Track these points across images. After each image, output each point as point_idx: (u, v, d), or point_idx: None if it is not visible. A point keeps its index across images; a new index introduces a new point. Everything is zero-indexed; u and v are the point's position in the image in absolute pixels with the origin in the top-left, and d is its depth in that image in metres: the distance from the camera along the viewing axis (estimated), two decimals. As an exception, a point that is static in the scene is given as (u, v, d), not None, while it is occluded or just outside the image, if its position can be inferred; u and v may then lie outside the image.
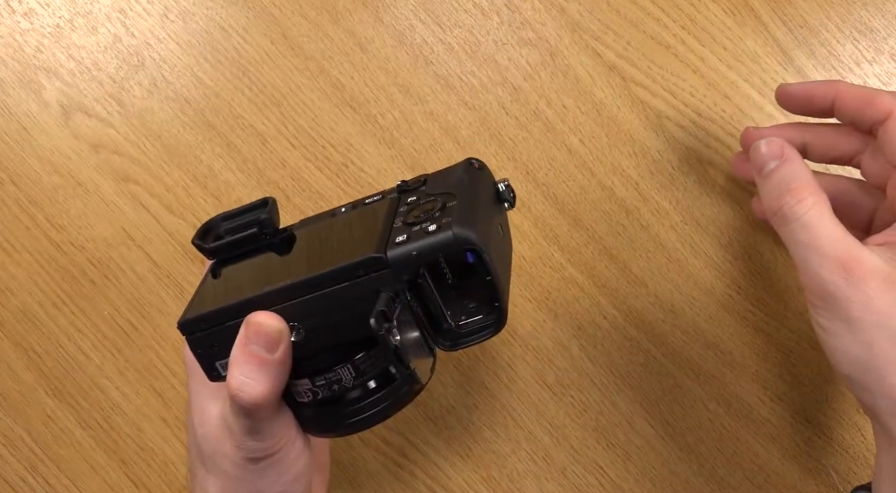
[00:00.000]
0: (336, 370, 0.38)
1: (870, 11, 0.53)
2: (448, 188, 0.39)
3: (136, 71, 0.54)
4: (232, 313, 0.38)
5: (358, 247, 0.37)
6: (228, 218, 0.43)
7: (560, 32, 0.54)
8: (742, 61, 0.53)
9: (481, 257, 0.36)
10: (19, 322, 0.55)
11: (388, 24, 0.54)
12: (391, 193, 0.42)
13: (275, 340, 0.37)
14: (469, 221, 0.36)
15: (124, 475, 0.55)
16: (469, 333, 0.39)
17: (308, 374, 0.39)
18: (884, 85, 0.53)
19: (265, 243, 0.42)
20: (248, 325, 0.37)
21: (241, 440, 0.39)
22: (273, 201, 0.42)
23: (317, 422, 0.41)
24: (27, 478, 0.55)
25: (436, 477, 0.54)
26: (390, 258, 0.36)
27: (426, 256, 0.36)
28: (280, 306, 0.37)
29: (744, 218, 0.54)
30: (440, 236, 0.36)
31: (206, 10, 0.54)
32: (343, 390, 0.39)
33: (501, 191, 0.41)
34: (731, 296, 0.53)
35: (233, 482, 0.40)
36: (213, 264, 0.42)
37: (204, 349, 0.39)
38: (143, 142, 0.54)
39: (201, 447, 0.41)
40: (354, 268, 0.36)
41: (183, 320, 0.38)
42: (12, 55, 0.54)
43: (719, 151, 0.53)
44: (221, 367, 0.39)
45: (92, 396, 0.55)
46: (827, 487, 0.53)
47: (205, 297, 0.40)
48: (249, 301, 0.37)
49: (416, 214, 0.38)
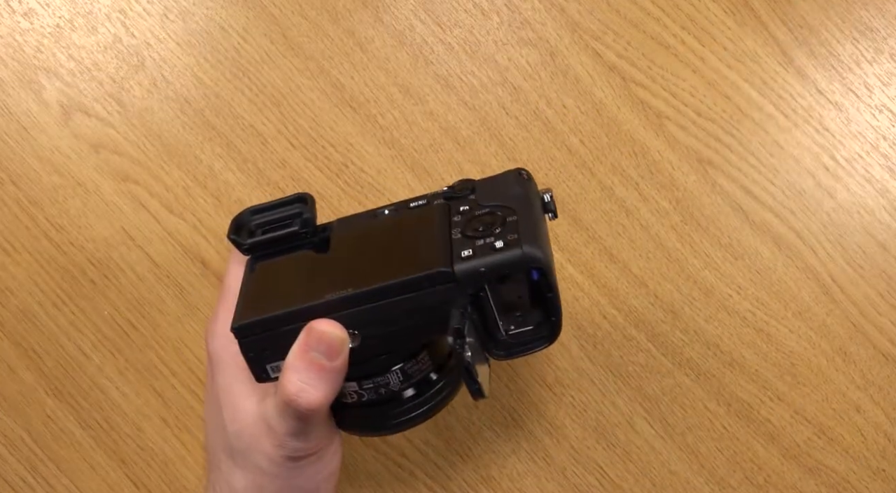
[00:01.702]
0: (385, 376, 0.39)
1: (870, 11, 0.53)
2: (504, 201, 0.39)
3: (136, 71, 0.54)
4: (290, 318, 0.38)
5: (421, 258, 0.37)
6: (259, 212, 0.43)
7: (560, 32, 0.54)
8: (742, 61, 0.53)
9: (547, 275, 0.37)
10: (19, 322, 0.55)
11: (388, 24, 0.54)
12: (437, 198, 0.42)
13: (336, 348, 0.37)
14: (536, 240, 0.36)
15: (124, 475, 0.55)
16: (523, 342, 0.40)
17: (357, 377, 0.39)
18: (884, 85, 0.53)
19: (304, 242, 0.41)
20: (311, 332, 0.37)
21: (284, 439, 0.39)
22: (312, 199, 0.42)
23: (360, 422, 0.41)
24: (27, 478, 0.55)
25: (436, 477, 0.54)
26: (458, 273, 0.36)
27: (494, 273, 0.36)
28: (340, 314, 0.37)
29: (744, 218, 0.54)
30: (509, 254, 0.36)
31: (206, 10, 0.54)
32: (389, 393, 0.40)
33: (547, 202, 0.41)
34: (731, 296, 0.53)
35: (268, 478, 0.41)
36: (250, 260, 0.42)
37: (256, 352, 0.39)
38: (143, 142, 0.54)
39: (232, 441, 0.41)
40: (421, 281, 0.37)
41: (237, 325, 0.38)
42: (12, 55, 0.54)
43: (719, 151, 0.53)
44: (272, 369, 0.39)
45: (92, 396, 0.55)
46: (827, 487, 0.53)
47: (254, 298, 0.40)
48: (309, 308, 0.37)
49: (475, 226, 0.38)
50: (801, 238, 0.53)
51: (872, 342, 0.53)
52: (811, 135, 0.53)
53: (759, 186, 0.53)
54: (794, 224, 0.53)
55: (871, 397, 0.53)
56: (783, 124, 0.54)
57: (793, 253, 0.53)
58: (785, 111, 0.53)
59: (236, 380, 0.41)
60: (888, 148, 0.53)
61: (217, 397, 0.42)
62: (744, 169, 0.54)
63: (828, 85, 0.53)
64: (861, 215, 0.53)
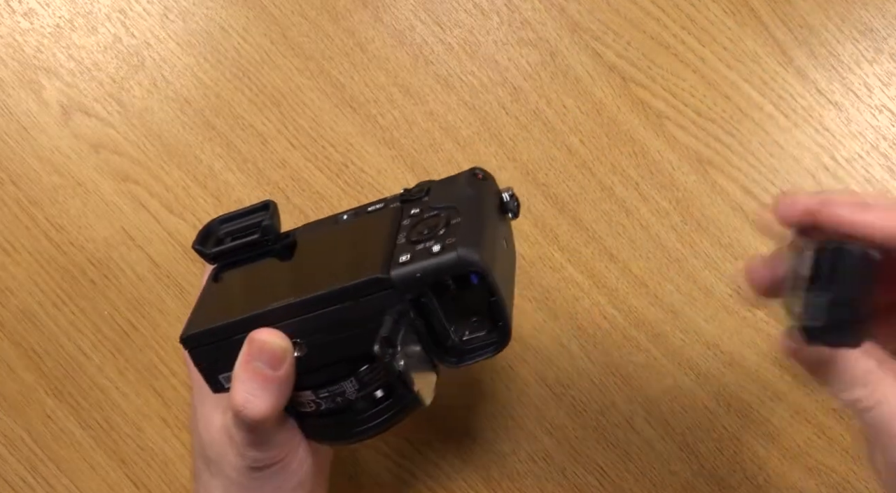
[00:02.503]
0: (340, 384, 0.39)
1: (870, 11, 0.53)
2: (452, 202, 0.39)
3: (136, 71, 0.54)
4: (235, 328, 0.37)
5: (362, 265, 0.37)
6: (227, 221, 0.43)
7: (560, 32, 0.54)
8: (742, 61, 0.53)
9: (486, 278, 0.36)
10: (19, 322, 0.55)
11: (388, 24, 0.54)
12: (394, 201, 0.41)
13: (278, 357, 0.37)
14: (473, 242, 0.36)
15: (124, 475, 0.55)
16: (473, 349, 0.39)
17: (311, 386, 0.39)
18: (884, 85, 0.53)
19: (267, 249, 0.41)
20: (252, 342, 0.37)
21: (243, 450, 0.39)
22: (274, 205, 0.42)
23: (321, 432, 0.41)
24: (27, 478, 0.55)
25: (436, 477, 0.54)
26: (394, 279, 0.36)
27: (430, 277, 0.35)
28: (283, 323, 0.37)
29: (743, 218, 0.54)
30: (444, 258, 0.35)
31: (206, 10, 0.54)
32: (347, 401, 0.39)
33: (506, 201, 0.41)
34: (731, 296, 0.53)
35: (237, 487, 0.41)
36: (215, 269, 0.42)
37: (207, 362, 0.39)
38: (143, 142, 0.54)
39: (206, 451, 0.41)
40: (358, 288, 0.36)
41: (186, 335, 0.38)
42: (12, 55, 0.54)
43: (719, 151, 0.53)
44: (224, 379, 0.39)
45: (92, 396, 0.55)
46: (827, 487, 0.53)
47: (207, 308, 0.40)
48: (252, 318, 0.37)
49: (419, 229, 0.37)
50: (801, 238, 0.53)
51: (872, 342, 0.53)
52: (811, 135, 0.53)
53: (759, 186, 0.53)
54: (794, 224, 0.53)
55: (871, 397, 0.53)
56: (783, 124, 0.53)
57: (793, 253, 0.53)
58: (785, 111, 0.53)
59: (207, 393, 0.41)
60: (888, 148, 0.53)
61: (194, 409, 0.43)
62: (744, 169, 0.54)
63: (828, 85, 0.53)
64: (861, 215, 0.53)
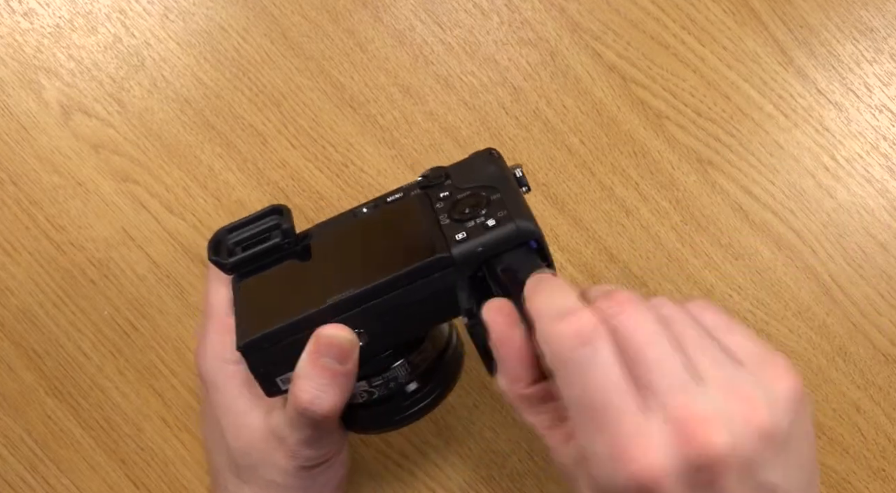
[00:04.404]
0: (393, 369, 0.40)
1: (870, 11, 0.53)
2: (482, 181, 0.40)
3: (136, 71, 0.54)
4: (294, 329, 0.38)
5: (417, 248, 0.38)
6: (235, 229, 0.42)
7: (560, 32, 0.54)
8: (742, 61, 0.53)
9: (541, 244, 0.37)
10: (19, 322, 0.55)
11: (388, 24, 0.54)
12: (413, 189, 0.42)
13: (347, 351, 0.37)
14: (524, 213, 0.37)
15: (124, 475, 0.55)
16: None
17: (366, 376, 0.39)
18: (884, 85, 0.53)
19: (286, 253, 0.41)
20: (319, 339, 0.37)
21: (296, 449, 0.39)
22: (288, 209, 0.42)
23: (372, 421, 0.42)
24: (27, 478, 0.55)
25: (436, 477, 0.54)
26: (456, 256, 0.37)
27: (491, 250, 0.37)
28: (343, 317, 0.37)
29: (743, 218, 0.54)
30: (503, 230, 0.36)
31: (206, 10, 0.54)
32: (398, 386, 0.40)
33: (520, 177, 0.42)
34: (731, 296, 0.53)
35: (279, 490, 0.41)
36: (234, 280, 0.42)
37: (264, 367, 0.39)
38: (143, 142, 0.54)
39: (238, 459, 0.41)
40: (423, 270, 0.37)
41: (244, 343, 0.38)
42: (12, 55, 0.54)
43: (719, 151, 0.53)
44: (282, 382, 0.39)
45: (92, 396, 0.55)
46: (827, 487, 0.53)
47: (252, 316, 0.39)
48: (312, 315, 0.38)
49: (461, 209, 0.38)
50: (801, 238, 0.53)
51: (872, 342, 0.53)
52: (811, 135, 0.53)
53: (759, 186, 0.53)
54: (794, 224, 0.53)
55: (871, 397, 0.53)
56: (783, 124, 0.54)
57: (793, 253, 0.53)
58: (785, 111, 0.53)
59: (237, 398, 0.41)
60: (888, 148, 0.53)
61: (216, 418, 0.42)
62: (744, 169, 0.54)
63: (828, 85, 0.53)
64: (861, 215, 0.53)
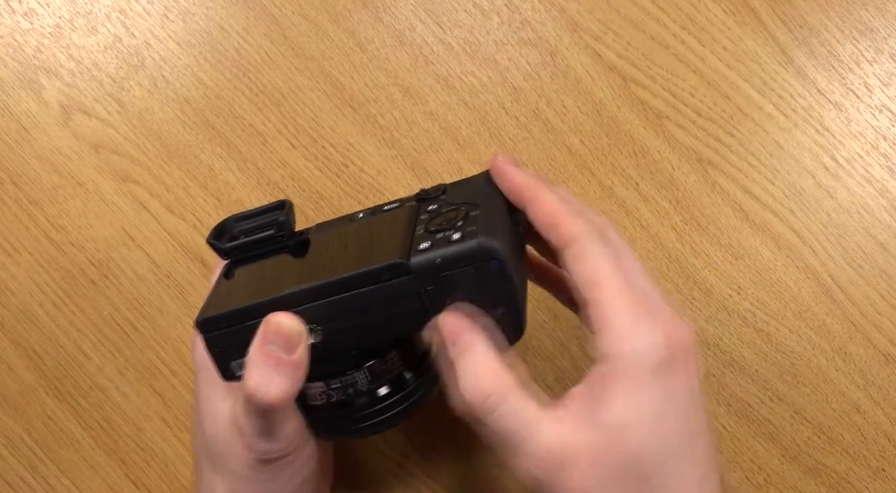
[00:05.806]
0: (352, 374, 0.39)
1: (870, 11, 0.53)
2: (470, 198, 0.39)
3: (136, 71, 0.54)
4: (251, 312, 0.38)
5: (381, 252, 0.37)
6: (243, 219, 0.43)
7: (560, 32, 0.54)
8: (742, 61, 0.53)
9: (503, 267, 0.36)
10: (19, 322, 0.55)
11: (388, 24, 0.54)
12: (410, 201, 0.42)
13: (293, 341, 0.37)
14: (493, 231, 0.36)
15: (124, 475, 0.55)
16: None
17: (323, 377, 0.39)
18: (884, 85, 0.53)
19: (281, 246, 0.42)
20: (267, 325, 0.37)
21: (252, 441, 0.39)
22: (290, 204, 0.42)
23: (328, 425, 0.41)
24: (27, 478, 0.55)
25: (436, 477, 0.54)
26: (413, 265, 0.36)
27: (449, 263, 0.36)
28: (300, 308, 0.37)
29: (743, 218, 0.54)
30: (464, 245, 0.36)
31: (206, 10, 0.54)
32: (357, 393, 0.39)
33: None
34: (731, 296, 0.53)
35: (243, 482, 0.40)
36: (228, 264, 0.42)
37: (221, 349, 0.39)
38: (143, 142, 0.54)
39: (210, 446, 0.41)
40: (377, 273, 0.36)
41: (201, 318, 0.38)
42: (12, 55, 0.54)
43: (719, 151, 0.53)
44: (237, 367, 0.39)
45: (92, 396, 0.55)
46: (827, 487, 0.53)
47: (222, 296, 0.40)
48: (269, 302, 0.37)
49: (438, 221, 0.38)
50: (801, 238, 0.53)
51: (872, 342, 0.53)
52: (811, 135, 0.53)
53: (759, 186, 0.53)
54: (794, 224, 0.53)
55: (871, 397, 0.53)
56: (783, 124, 0.54)
57: (793, 253, 0.53)
58: (785, 111, 0.53)
59: (214, 385, 0.41)
60: (888, 148, 0.53)
61: (199, 404, 0.42)
62: (744, 169, 0.54)
63: (828, 85, 0.53)
64: (861, 215, 0.53)
